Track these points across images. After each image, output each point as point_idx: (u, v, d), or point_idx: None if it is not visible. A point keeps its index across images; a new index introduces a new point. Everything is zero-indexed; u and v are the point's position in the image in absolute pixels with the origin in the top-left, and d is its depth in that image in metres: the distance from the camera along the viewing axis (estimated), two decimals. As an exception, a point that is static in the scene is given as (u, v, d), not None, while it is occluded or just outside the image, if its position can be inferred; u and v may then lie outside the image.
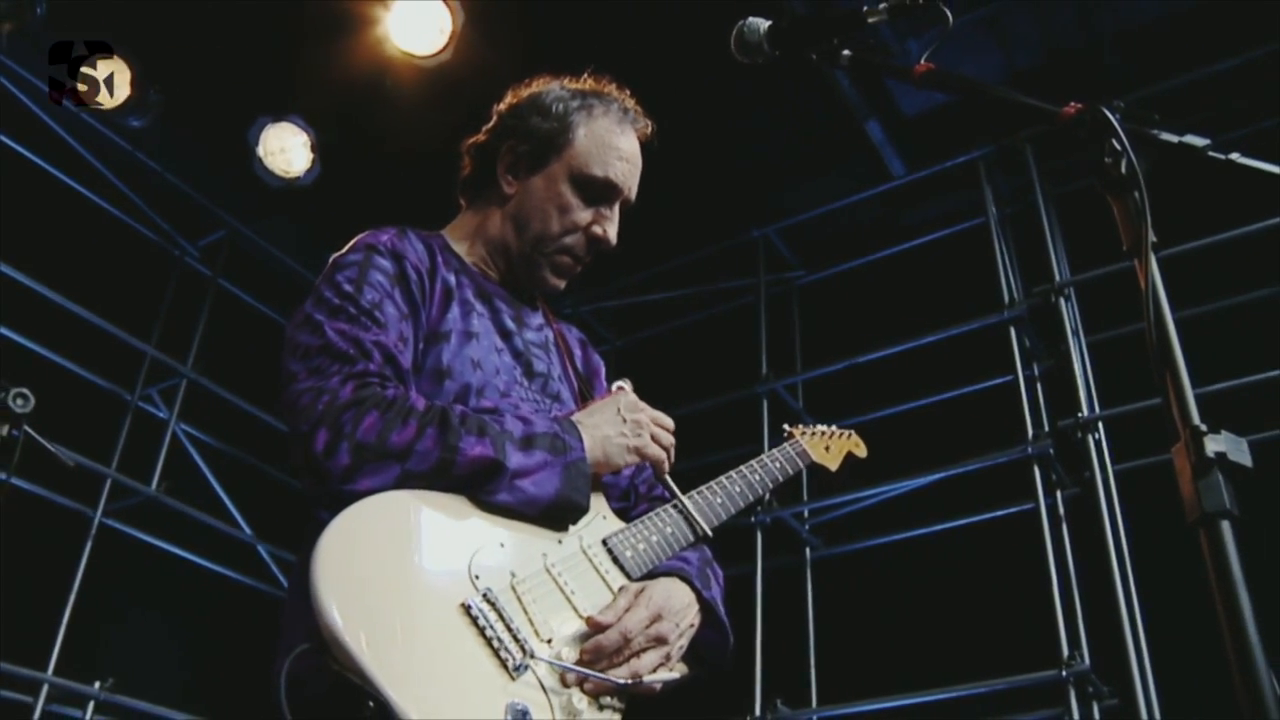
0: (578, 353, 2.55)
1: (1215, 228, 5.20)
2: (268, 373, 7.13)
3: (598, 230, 2.31)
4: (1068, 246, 5.93)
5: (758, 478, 2.46)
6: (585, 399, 2.37)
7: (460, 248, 2.37)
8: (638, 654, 1.89)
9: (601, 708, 1.81)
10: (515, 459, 1.90)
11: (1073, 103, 1.65)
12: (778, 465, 2.58)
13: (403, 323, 2.07)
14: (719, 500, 2.29)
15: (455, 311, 2.18)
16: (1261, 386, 4.93)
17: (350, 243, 2.21)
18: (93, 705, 5.42)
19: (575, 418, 2.11)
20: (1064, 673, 4.81)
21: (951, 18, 1.97)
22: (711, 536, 2.23)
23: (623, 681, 1.84)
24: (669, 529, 2.16)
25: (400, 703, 1.53)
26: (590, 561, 2.00)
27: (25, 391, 2.69)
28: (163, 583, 6.30)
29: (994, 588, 5.43)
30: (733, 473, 2.41)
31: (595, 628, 1.86)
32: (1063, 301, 5.63)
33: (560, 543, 1.98)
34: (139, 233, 6.42)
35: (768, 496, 2.52)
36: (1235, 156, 1.50)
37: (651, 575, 2.08)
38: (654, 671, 1.90)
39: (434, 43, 5.28)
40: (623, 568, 2.03)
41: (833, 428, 3.00)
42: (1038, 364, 5.81)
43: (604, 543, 2.05)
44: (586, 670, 1.81)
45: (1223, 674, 1.23)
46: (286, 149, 5.95)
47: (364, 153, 6.15)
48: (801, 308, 6.99)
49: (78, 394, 5.86)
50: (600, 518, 2.09)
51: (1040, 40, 6.02)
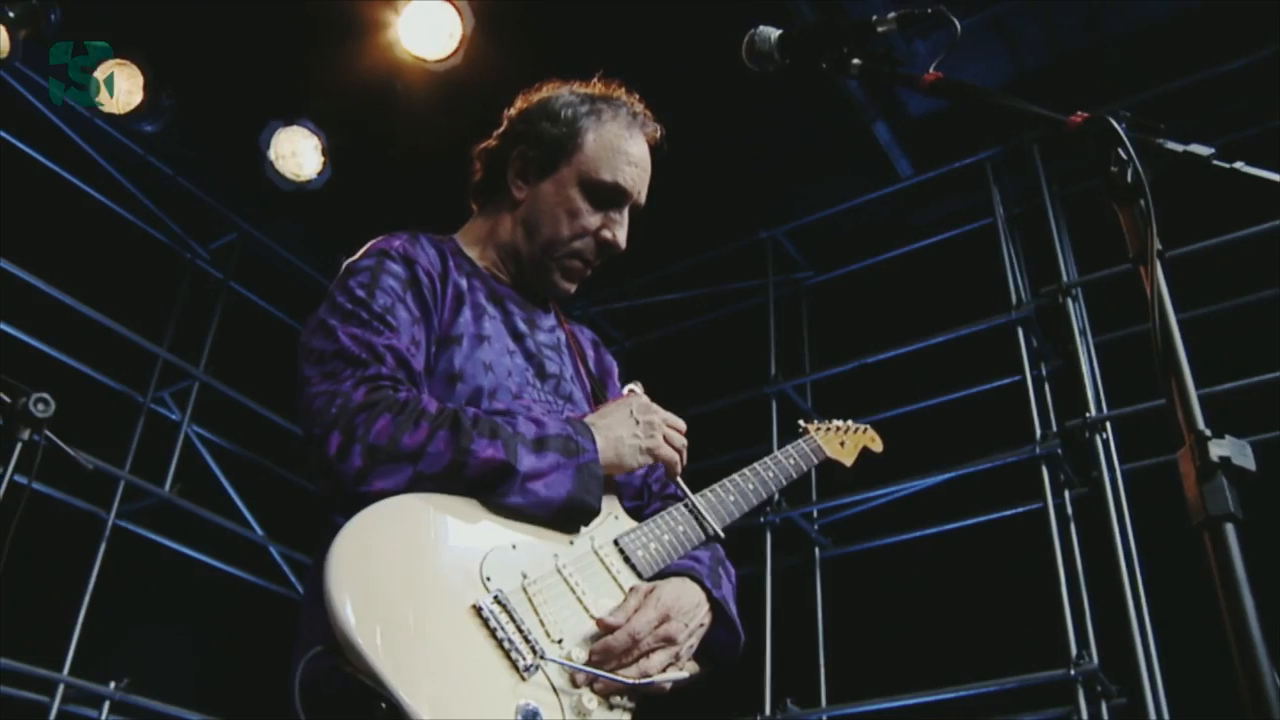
0: (590, 353, 2.56)
1: (1217, 229, 5.20)
2: (279, 374, 7.15)
3: (607, 235, 2.32)
4: (1075, 247, 5.92)
5: (771, 475, 2.46)
6: (598, 400, 2.38)
7: (472, 251, 2.39)
8: (646, 654, 1.91)
9: (612, 707, 1.83)
10: (527, 461, 1.91)
11: (1079, 111, 1.66)
12: (792, 462, 2.58)
13: (415, 326, 2.08)
14: (731, 498, 2.30)
15: (467, 315, 2.19)
16: (1264, 387, 4.94)
17: (363, 249, 2.22)
18: (108, 705, 5.45)
19: (588, 419, 2.12)
20: (1072, 672, 4.81)
21: (959, 26, 1.98)
22: (723, 536, 2.24)
23: (632, 681, 1.85)
24: (681, 528, 2.17)
25: (411, 704, 1.55)
26: (602, 562, 2.01)
27: (46, 397, 2.72)
28: (176, 584, 6.33)
29: (1003, 587, 5.43)
30: (746, 470, 2.41)
31: (604, 629, 1.88)
32: (1070, 302, 5.62)
33: (572, 543, 2.00)
34: (151, 236, 6.46)
35: (777, 495, 2.52)
36: (1240, 165, 1.51)
37: (663, 575, 2.09)
38: (663, 671, 1.92)
39: (444, 47, 5.29)
40: (634, 567, 2.05)
41: (848, 423, 2.99)
42: (1046, 364, 5.82)
43: (615, 543, 2.06)
44: (596, 670, 1.83)
45: (1231, 673, 1.24)
46: (297, 152, 5.97)
47: (374, 156, 6.18)
48: (810, 308, 6.99)
49: (91, 397, 5.89)
50: (612, 518, 2.11)
51: (1046, 41, 6.02)
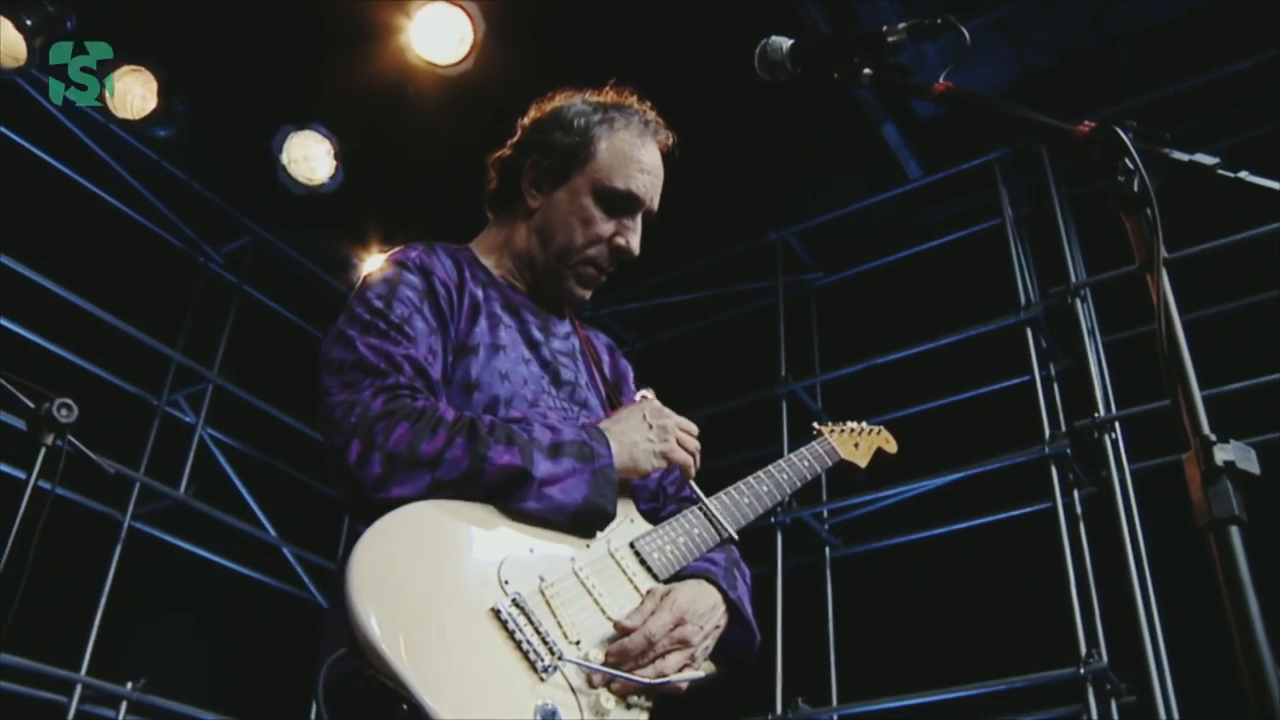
0: (605, 358, 2.59)
1: (1221, 230, 5.21)
2: (291, 377, 7.18)
3: (620, 241, 2.35)
4: (1083, 247, 5.92)
5: (785, 476, 2.49)
6: (613, 405, 2.41)
7: (488, 260, 2.42)
8: (662, 656, 1.94)
9: (629, 706, 1.86)
10: (543, 467, 1.95)
11: (1086, 121, 1.68)
12: (805, 464, 2.61)
13: (431, 336, 2.12)
14: (746, 500, 2.33)
15: (483, 325, 2.22)
16: (1269, 388, 4.96)
17: (381, 259, 2.26)
18: (125, 705, 5.49)
19: (602, 425, 2.15)
20: (1082, 670, 4.82)
21: (969, 36, 2.01)
22: (737, 538, 2.27)
23: (649, 681, 1.88)
24: (696, 531, 2.20)
25: (432, 705, 1.59)
26: (618, 565, 2.04)
27: (69, 402, 2.75)
28: (190, 584, 6.37)
29: (1012, 586, 5.44)
30: (760, 473, 2.43)
31: (621, 631, 1.92)
32: (1079, 302, 5.63)
33: (588, 547, 2.03)
34: (165, 240, 6.49)
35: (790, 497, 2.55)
36: (1244, 175, 1.54)
37: (680, 576, 2.12)
38: (679, 671, 1.95)
39: (455, 52, 5.32)
40: (650, 570, 2.08)
41: (862, 424, 3.00)
42: (1054, 364, 5.82)
43: (631, 546, 2.09)
44: (613, 671, 1.86)
45: (1239, 671, 1.26)
46: (310, 156, 5.99)
47: (386, 160, 6.21)
48: (820, 309, 7.00)
49: (106, 400, 5.93)
50: (628, 521, 2.14)
51: (1054, 42, 6.03)
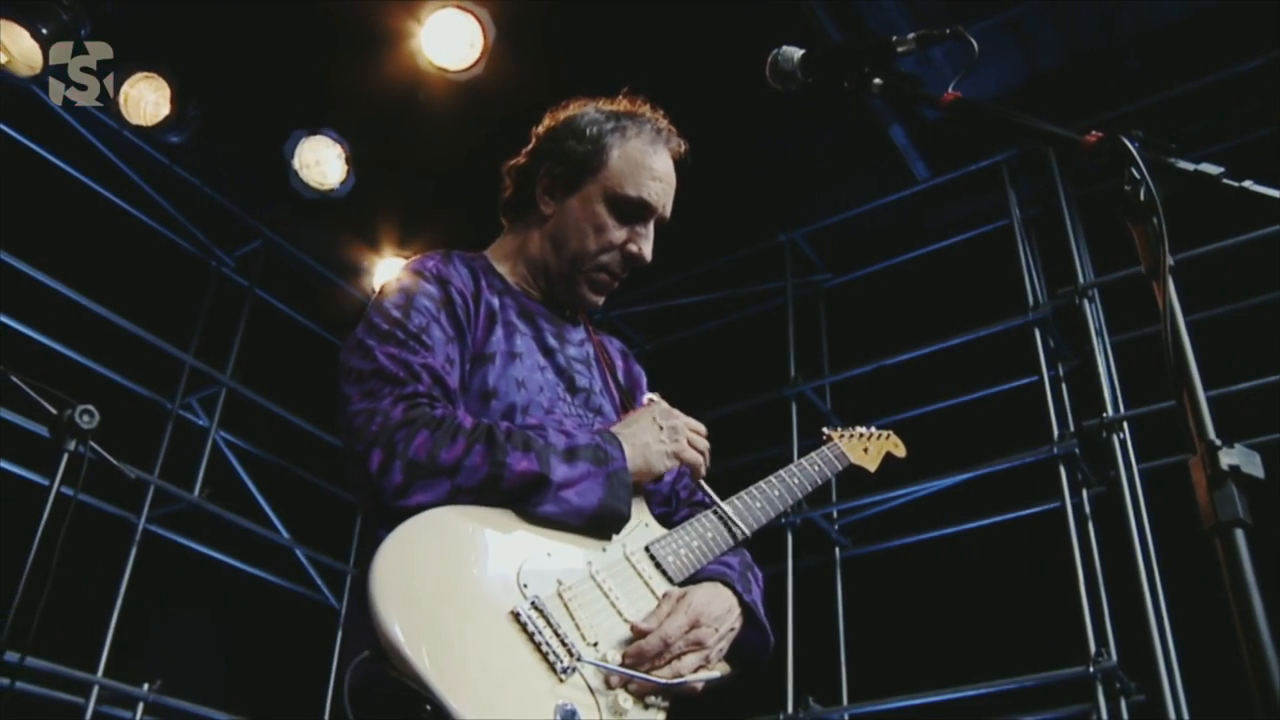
0: (619, 364, 2.62)
1: (1226, 231, 5.23)
2: (304, 380, 7.21)
3: (633, 248, 2.37)
4: (1091, 248, 5.94)
5: (796, 481, 2.52)
6: (626, 410, 2.44)
7: (503, 268, 2.45)
8: (678, 657, 1.97)
9: (646, 706, 1.89)
10: (560, 471, 1.98)
11: (1094, 131, 1.71)
12: (816, 468, 2.64)
13: (449, 345, 2.15)
14: (758, 504, 2.36)
15: (499, 333, 2.26)
16: (1272, 388, 4.98)
17: (398, 268, 2.30)
18: (141, 707, 5.53)
19: (614, 429, 2.19)
20: (1091, 669, 4.85)
21: (976, 29, 2.04)
22: (749, 540, 2.31)
23: (665, 682, 1.92)
24: (709, 534, 2.23)
25: (455, 706, 1.63)
26: (634, 568, 2.08)
27: (91, 408, 2.80)
28: (204, 586, 6.42)
29: (1021, 586, 5.46)
30: (771, 477, 2.47)
31: (637, 634, 1.95)
32: (1086, 303, 5.65)
33: (605, 550, 2.06)
34: (178, 245, 6.54)
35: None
36: (1249, 184, 1.56)
37: (695, 579, 2.15)
38: (694, 672, 1.99)
39: (466, 57, 5.36)
40: (665, 573, 2.11)
41: (871, 429, 3.04)
42: (1062, 365, 5.85)
43: (647, 549, 2.13)
44: (631, 672, 1.89)
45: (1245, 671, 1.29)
46: (321, 161, 6.04)
47: (397, 165, 6.25)
48: (828, 311, 7.04)
49: (120, 404, 5.97)
50: (643, 525, 2.17)
51: (1061, 42, 6.05)
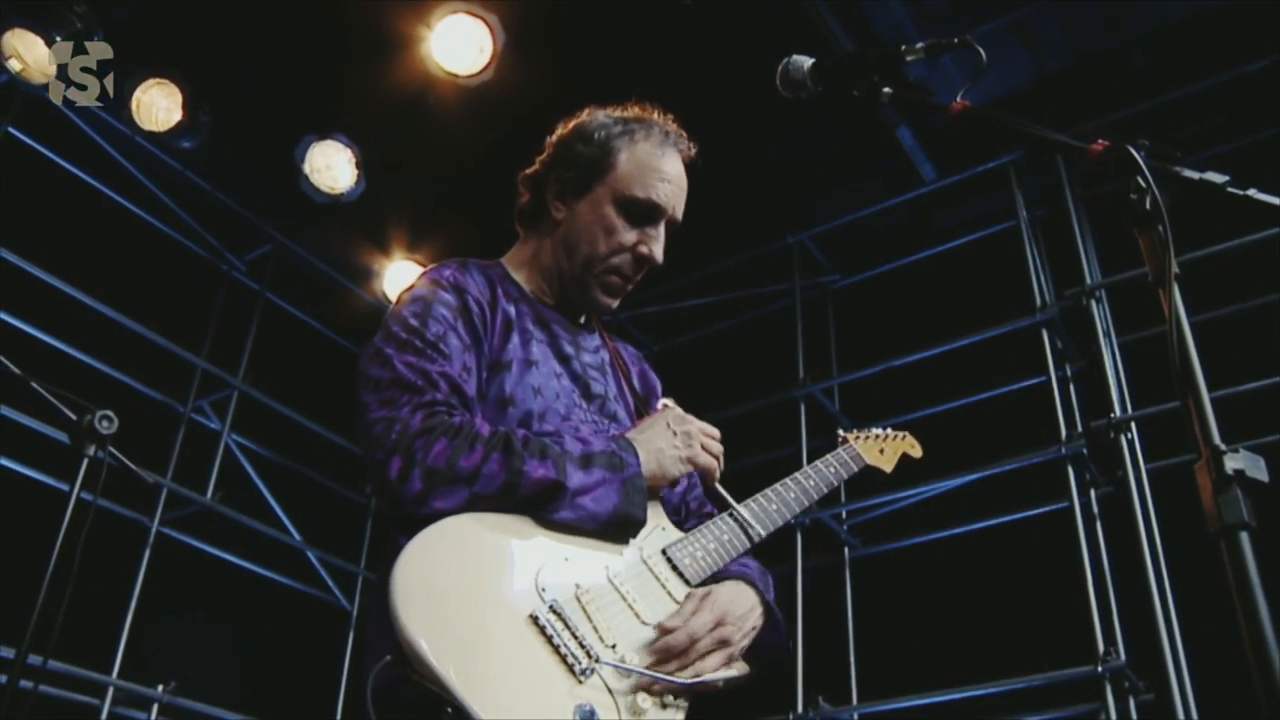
0: (634, 369, 2.64)
1: (1231, 231, 5.26)
2: (315, 383, 7.22)
3: (644, 250, 2.39)
4: (1098, 248, 5.96)
5: (812, 483, 2.53)
6: (642, 416, 2.45)
7: (519, 275, 2.48)
8: (703, 655, 2.01)
9: (665, 707, 1.92)
10: (576, 478, 2.02)
11: (1100, 139, 1.74)
12: (832, 470, 2.66)
13: (465, 353, 2.18)
14: (774, 507, 2.38)
15: (515, 341, 2.29)
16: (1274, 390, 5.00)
17: (416, 277, 2.33)
18: (156, 708, 5.57)
19: (629, 435, 2.22)
20: (1100, 668, 4.87)
21: (984, 36, 2.07)
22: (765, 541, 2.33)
23: (684, 682, 1.95)
24: (726, 536, 2.26)
25: (476, 708, 1.66)
26: (651, 571, 2.11)
27: (110, 414, 2.83)
28: (217, 588, 6.45)
29: (1030, 586, 5.48)
30: (787, 480, 2.48)
31: (663, 632, 1.98)
32: (1094, 304, 5.67)
33: (622, 554, 2.09)
34: (189, 249, 6.57)
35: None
36: (1253, 192, 1.59)
37: (716, 579, 2.18)
38: (716, 671, 2.02)
39: (475, 62, 5.40)
40: (682, 575, 2.14)
41: (887, 430, 3.04)
42: (1070, 365, 5.86)
43: (663, 552, 2.16)
44: (649, 672, 1.92)
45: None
46: (332, 166, 6.06)
47: (407, 169, 6.28)
48: (837, 312, 7.05)
49: (133, 407, 6.01)
50: (659, 529, 2.20)
51: (1068, 43, 6.06)
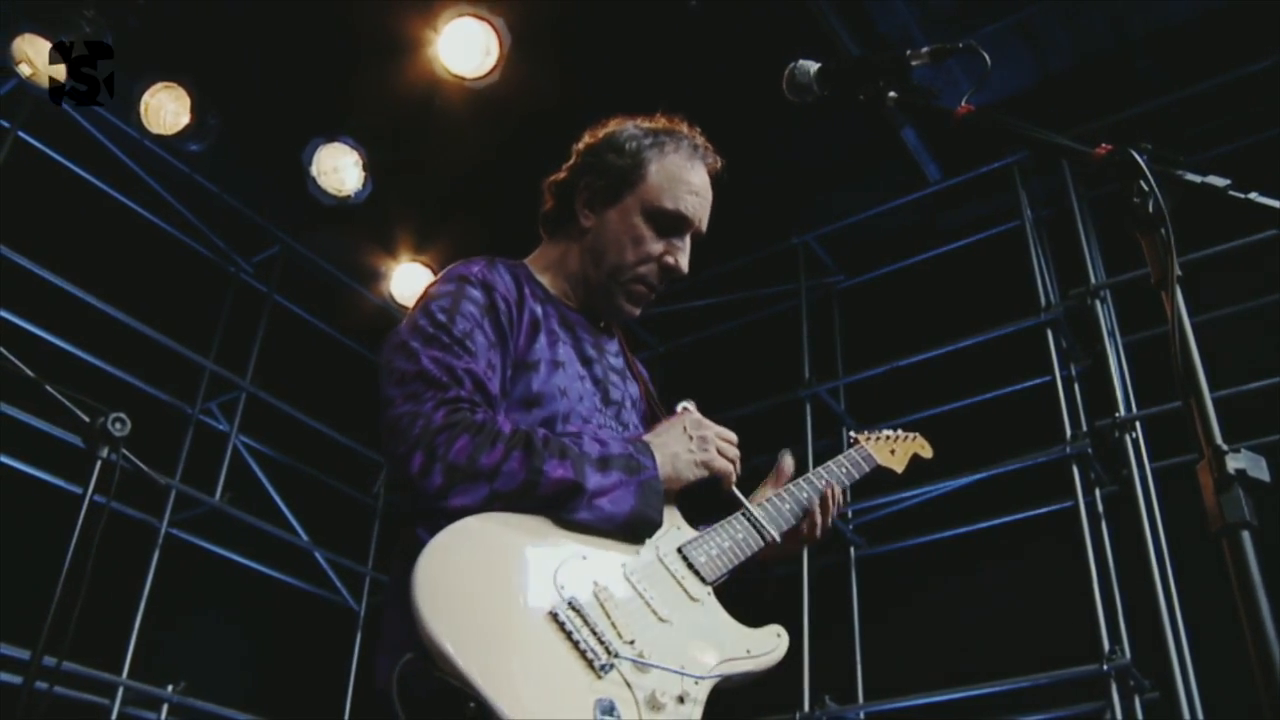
0: (646, 377, 2.68)
1: (1228, 231, 5.28)
2: (322, 384, 7.26)
3: (670, 260, 2.44)
4: (1102, 249, 5.98)
5: (824, 484, 2.57)
6: (651, 424, 2.50)
7: (543, 279, 2.50)
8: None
9: (683, 700, 1.94)
10: (594, 480, 2.05)
11: (1103, 143, 1.76)
12: (843, 470, 2.71)
13: (491, 351, 2.20)
14: (788, 507, 2.44)
15: (543, 341, 2.31)
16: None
17: (443, 272, 2.35)
18: (166, 708, 5.62)
19: (646, 438, 2.26)
20: (1105, 667, 4.88)
21: (988, 35, 2.10)
22: (780, 542, 2.37)
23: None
24: (740, 535, 2.30)
25: (499, 703, 1.69)
26: (667, 569, 2.14)
27: (123, 416, 2.85)
28: (226, 588, 6.51)
29: (1035, 584, 5.51)
30: (800, 480, 2.53)
31: None
32: (1098, 303, 5.69)
33: (638, 553, 2.13)
34: (197, 251, 6.62)
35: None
36: (1254, 196, 1.62)
37: (725, 580, 2.22)
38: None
39: (482, 65, 5.43)
40: (698, 573, 2.17)
41: (898, 431, 3.08)
42: (1075, 365, 5.89)
43: (679, 551, 2.19)
44: (667, 666, 1.95)
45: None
46: (339, 168, 6.11)
47: (414, 171, 6.32)
48: (842, 312, 7.08)
49: (142, 409, 6.03)
50: (675, 528, 2.23)
51: (1072, 44, 6.08)
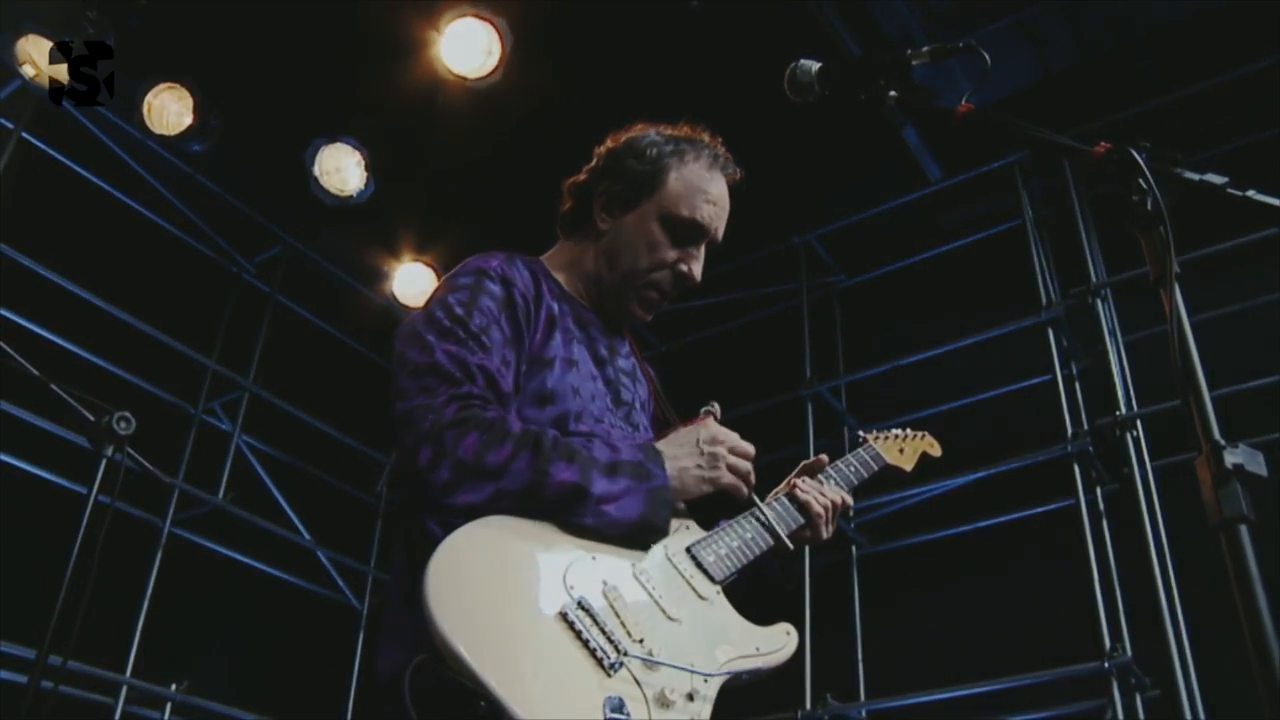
0: (653, 376, 2.69)
1: (1228, 230, 5.30)
2: (325, 384, 7.26)
3: (683, 268, 2.44)
4: (1103, 247, 5.99)
5: (833, 483, 2.59)
6: (659, 428, 2.51)
7: (559, 276, 2.50)
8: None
9: (691, 698, 1.95)
10: (600, 485, 2.04)
11: (1103, 141, 1.78)
12: (852, 469, 2.72)
13: (506, 348, 2.20)
14: (797, 506, 2.45)
15: (558, 339, 2.32)
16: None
17: (461, 265, 2.35)
18: (169, 707, 5.64)
19: (660, 445, 2.25)
20: (1106, 664, 4.89)
21: (989, 34, 2.11)
22: (790, 545, 2.38)
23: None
24: (749, 534, 2.31)
25: (510, 702, 1.70)
26: (676, 568, 2.15)
27: (127, 415, 2.86)
28: (228, 588, 6.52)
29: (1036, 582, 5.52)
30: (810, 480, 2.54)
31: None
32: (1099, 302, 5.71)
33: (647, 553, 2.13)
34: (199, 252, 6.63)
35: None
36: (1252, 193, 1.63)
37: (735, 579, 2.23)
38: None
39: (483, 65, 5.45)
40: (707, 572, 2.19)
41: (906, 430, 3.09)
42: (1076, 363, 5.90)
43: (688, 550, 2.20)
44: (676, 664, 1.96)
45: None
46: (341, 168, 6.13)
47: (415, 171, 6.34)
48: (843, 311, 7.10)
49: (145, 409, 6.05)
50: (684, 528, 2.24)
51: (1073, 42, 6.08)
